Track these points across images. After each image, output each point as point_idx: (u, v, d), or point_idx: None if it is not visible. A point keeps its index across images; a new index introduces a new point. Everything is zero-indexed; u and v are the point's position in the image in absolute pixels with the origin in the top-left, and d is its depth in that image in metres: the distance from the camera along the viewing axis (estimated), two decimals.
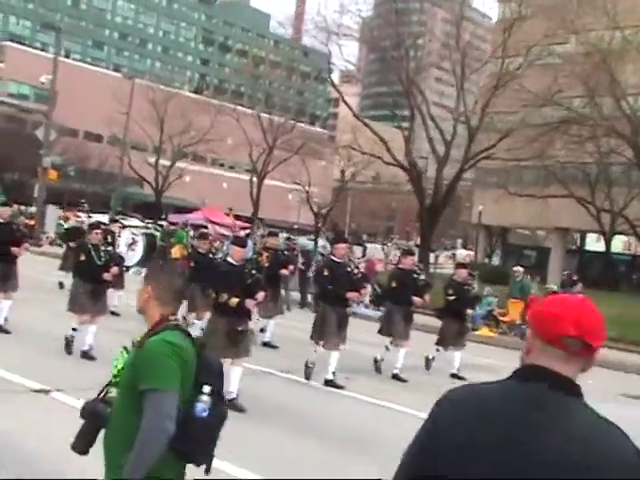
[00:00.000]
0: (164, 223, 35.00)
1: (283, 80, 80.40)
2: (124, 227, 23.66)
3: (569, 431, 1.99)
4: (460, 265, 13.84)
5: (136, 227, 28.49)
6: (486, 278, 27.83)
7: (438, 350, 12.57)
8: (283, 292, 16.13)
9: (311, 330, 10.74)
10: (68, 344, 10.30)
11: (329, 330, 10.44)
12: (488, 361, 12.80)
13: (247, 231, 30.30)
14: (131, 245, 25.04)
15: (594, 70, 30.68)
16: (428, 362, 12.46)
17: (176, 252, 25.66)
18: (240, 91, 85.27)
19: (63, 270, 17.52)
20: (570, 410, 2.05)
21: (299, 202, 40.67)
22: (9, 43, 77.67)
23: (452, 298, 12.49)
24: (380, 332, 12.07)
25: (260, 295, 9.08)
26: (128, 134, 42.17)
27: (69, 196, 49.83)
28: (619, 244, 43.83)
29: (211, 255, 13.63)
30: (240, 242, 10.03)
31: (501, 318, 21.64)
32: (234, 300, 8.54)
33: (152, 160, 50.30)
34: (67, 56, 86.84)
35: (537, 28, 29.85)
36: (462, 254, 55.01)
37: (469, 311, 12.68)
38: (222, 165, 73.62)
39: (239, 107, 48.94)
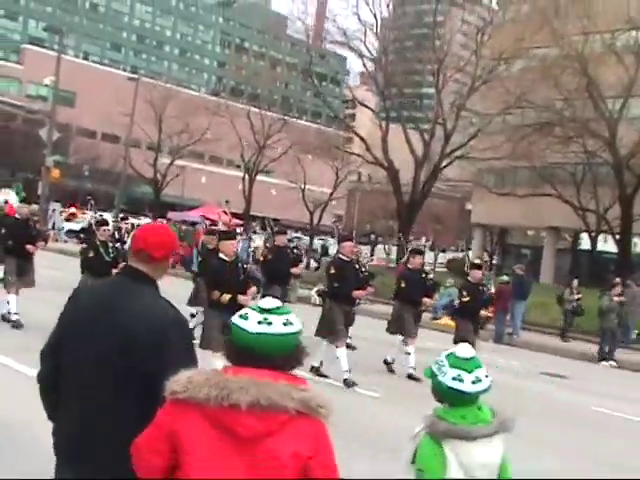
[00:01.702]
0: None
1: (299, 82, 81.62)
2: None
3: (134, 309, 2.98)
4: (474, 266, 13.46)
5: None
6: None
7: None
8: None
9: (316, 327, 10.66)
10: None
11: (337, 327, 10.45)
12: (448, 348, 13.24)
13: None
14: None
15: (573, 73, 31.59)
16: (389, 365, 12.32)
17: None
18: (256, 93, 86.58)
19: None
20: (142, 295, 3.06)
21: (313, 202, 41.62)
22: (28, 46, 79.72)
23: (467, 299, 12.41)
24: (388, 330, 12.12)
25: (252, 290, 9.15)
26: (139, 134, 43.46)
27: (82, 195, 51.64)
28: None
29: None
30: (229, 235, 10.07)
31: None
32: (226, 297, 8.55)
33: (167, 161, 51.81)
34: (86, 58, 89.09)
35: (516, 33, 30.83)
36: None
37: (482, 312, 12.55)
38: (238, 166, 75.15)
39: (235, 104, 49.85)
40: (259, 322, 2.57)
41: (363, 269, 11.43)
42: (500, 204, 41.80)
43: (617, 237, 34.23)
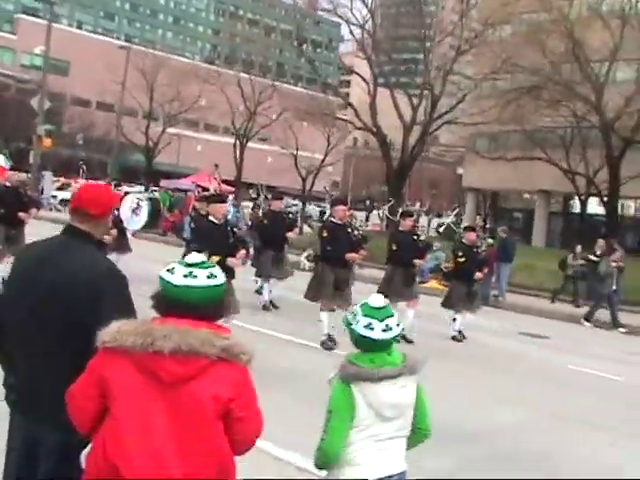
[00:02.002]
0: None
1: (294, 49, 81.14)
2: (126, 193, 24.66)
3: (70, 265, 3.15)
4: (469, 228, 13.66)
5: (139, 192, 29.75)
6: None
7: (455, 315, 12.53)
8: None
9: (306, 289, 10.70)
10: None
11: (325, 290, 10.42)
12: (433, 311, 12.96)
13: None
14: (135, 210, 26.18)
15: (560, 37, 31.73)
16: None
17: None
18: (251, 60, 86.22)
19: None
20: (79, 252, 3.21)
21: (306, 168, 41.82)
22: (22, 16, 79.32)
23: (462, 260, 12.45)
24: (378, 291, 11.87)
25: (241, 253, 9.17)
26: (132, 102, 43.44)
27: (76, 164, 51.80)
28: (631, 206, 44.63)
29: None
30: (219, 199, 10.04)
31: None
32: (214, 258, 8.10)
33: (174, 130, 51.93)
34: (79, 27, 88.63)
35: None
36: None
37: (478, 274, 12.53)
38: (234, 134, 75.23)
39: (227, 72, 49.84)
40: (184, 275, 2.75)
41: (356, 232, 11.29)
42: (491, 168, 42.06)
43: (605, 200, 34.55)
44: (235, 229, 10.10)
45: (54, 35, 36.12)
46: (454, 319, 12.54)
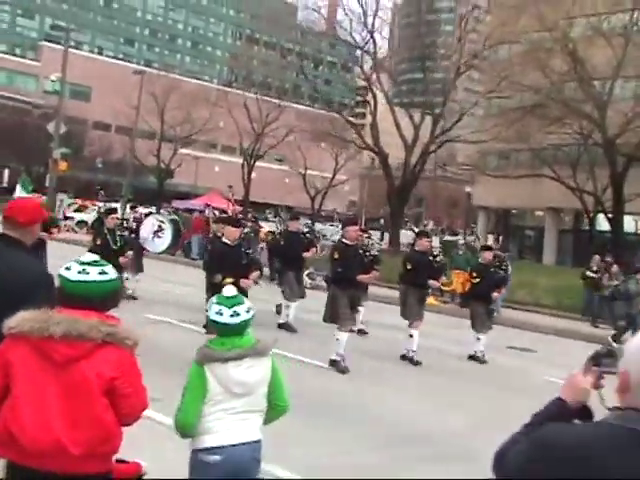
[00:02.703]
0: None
1: (310, 70, 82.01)
2: (147, 214, 24.58)
3: (5, 268, 3.69)
4: (485, 247, 13.44)
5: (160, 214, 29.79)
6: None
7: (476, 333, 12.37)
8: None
9: (323, 312, 10.48)
10: None
11: (342, 312, 10.20)
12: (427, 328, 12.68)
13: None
14: (157, 232, 25.63)
15: (561, 56, 32.21)
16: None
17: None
18: (268, 82, 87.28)
19: None
20: (12, 256, 3.77)
21: (314, 187, 42.09)
22: (44, 43, 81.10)
23: (477, 281, 12.35)
24: (401, 315, 11.83)
25: (254, 275, 9.44)
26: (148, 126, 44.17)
27: (95, 187, 52.89)
28: (631, 223, 44.74)
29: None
30: (233, 222, 10.22)
31: (444, 288, 22.97)
32: (227, 280, 8.15)
33: (186, 151, 52.90)
34: (100, 53, 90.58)
35: (502, 18, 31.39)
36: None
37: (495, 294, 12.40)
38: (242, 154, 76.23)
39: (237, 92, 50.62)
40: (79, 272, 3.21)
41: (368, 253, 11.23)
42: (501, 186, 42.32)
43: (610, 217, 34.67)
44: (249, 251, 10.35)
45: (76, 62, 37.24)
46: (478, 338, 12.35)
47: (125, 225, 13.58)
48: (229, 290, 3.87)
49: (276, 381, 3.85)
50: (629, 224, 44.53)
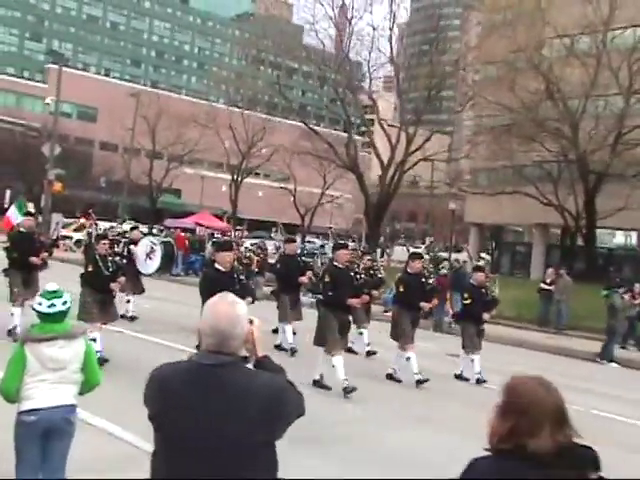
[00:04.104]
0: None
1: (315, 90, 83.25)
2: (145, 235, 25.35)
3: None
4: (477, 268, 13.30)
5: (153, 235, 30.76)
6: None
7: (466, 355, 12.40)
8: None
9: (314, 336, 10.47)
10: None
11: (331, 336, 10.18)
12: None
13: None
14: (149, 254, 26.29)
15: (534, 76, 33.24)
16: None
17: None
18: (274, 102, 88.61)
19: None
20: None
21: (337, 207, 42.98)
22: (52, 65, 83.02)
23: (468, 302, 12.48)
24: (391, 336, 11.83)
25: (247, 301, 9.07)
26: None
27: (98, 206, 54.20)
28: (621, 238, 45.44)
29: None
30: (225, 247, 10.21)
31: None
32: None
33: (187, 170, 54.21)
34: (107, 75, 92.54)
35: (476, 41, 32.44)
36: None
37: (486, 315, 12.49)
38: (257, 174, 77.52)
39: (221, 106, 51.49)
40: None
41: (358, 277, 11.06)
42: (492, 203, 43.02)
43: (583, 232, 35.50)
44: (242, 277, 10.45)
45: (83, 83, 38.59)
46: (472, 360, 12.34)
47: (115, 251, 13.34)
48: (51, 286, 4.82)
49: (89, 361, 4.79)
50: (619, 239, 45.39)
